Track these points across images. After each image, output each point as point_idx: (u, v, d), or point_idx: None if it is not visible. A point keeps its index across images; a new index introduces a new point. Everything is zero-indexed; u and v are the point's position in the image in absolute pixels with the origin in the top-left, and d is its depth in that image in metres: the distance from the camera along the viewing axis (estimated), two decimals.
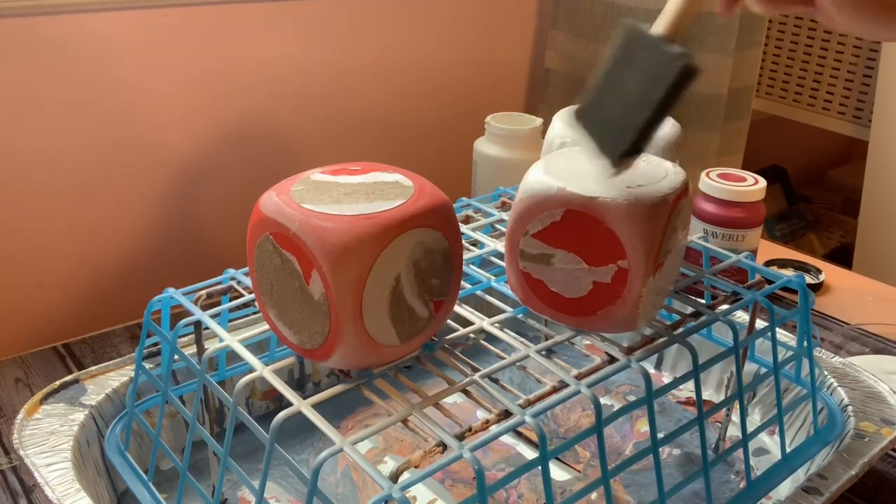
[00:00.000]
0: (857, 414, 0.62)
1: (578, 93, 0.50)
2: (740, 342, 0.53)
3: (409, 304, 0.46)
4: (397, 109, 1.07)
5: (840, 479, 0.55)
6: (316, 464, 0.40)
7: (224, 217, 0.95)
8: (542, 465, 0.43)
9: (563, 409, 0.73)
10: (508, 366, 0.49)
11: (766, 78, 1.61)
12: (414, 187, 0.46)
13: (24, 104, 0.79)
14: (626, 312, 0.49)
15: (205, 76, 0.89)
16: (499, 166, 0.93)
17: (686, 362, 0.78)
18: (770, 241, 1.12)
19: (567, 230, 0.49)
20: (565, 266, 0.50)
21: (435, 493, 0.63)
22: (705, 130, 1.16)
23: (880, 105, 1.36)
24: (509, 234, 0.52)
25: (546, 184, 0.49)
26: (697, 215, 0.88)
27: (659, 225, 0.48)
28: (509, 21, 1.14)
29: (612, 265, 0.48)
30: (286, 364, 0.49)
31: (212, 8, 0.87)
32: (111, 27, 0.81)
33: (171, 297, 0.55)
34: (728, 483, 0.66)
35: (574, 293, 0.50)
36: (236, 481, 0.64)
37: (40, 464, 0.54)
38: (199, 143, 0.91)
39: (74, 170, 0.83)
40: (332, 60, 0.98)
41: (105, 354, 0.78)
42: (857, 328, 0.86)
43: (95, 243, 0.87)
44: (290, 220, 0.44)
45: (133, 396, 0.59)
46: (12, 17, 0.76)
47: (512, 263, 0.52)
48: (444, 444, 0.42)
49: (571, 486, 0.64)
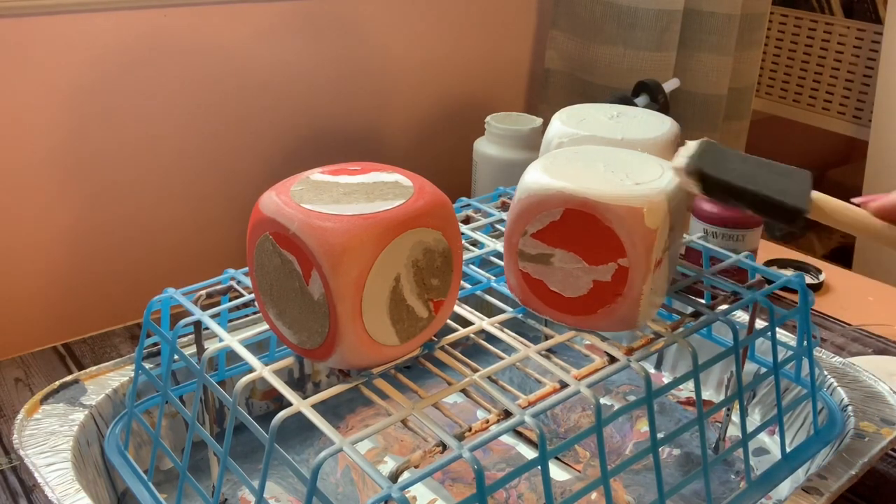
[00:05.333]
0: (857, 414, 0.62)
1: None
2: (740, 342, 0.53)
3: (409, 304, 0.46)
4: (397, 109, 1.07)
5: (840, 479, 0.55)
6: (315, 464, 0.40)
7: (224, 217, 0.95)
8: (542, 465, 0.43)
9: (563, 409, 0.73)
10: (508, 366, 0.49)
11: (766, 78, 1.61)
12: (414, 187, 0.46)
13: (23, 104, 0.79)
14: (627, 310, 0.49)
15: (205, 76, 0.89)
16: (499, 166, 0.93)
17: (686, 362, 0.78)
18: (770, 241, 1.12)
19: (566, 229, 0.49)
20: (565, 265, 0.50)
21: (435, 493, 0.63)
22: (705, 130, 1.16)
23: (880, 105, 1.36)
24: (508, 235, 0.52)
25: (545, 183, 0.49)
26: (697, 215, 0.88)
27: (658, 222, 0.48)
28: (509, 21, 1.14)
29: (613, 263, 0.48)
30: (286, 364, 0.49)
31: (212, 8, 0.87)
32: (111, 27, 0.82)
33: (171, 297, 0.55)
34: (728, 483, 0.66)
35: (574, 292, 0.50)
36: (236, 481, 0.64)
37: (40, 464, 0.54)
38: (199, 143, 0.91)
39: (74, 170, 0.83)
40: (333, 60, 0.98)
41: (105, 354, 0.78)
42: (859, 329, 0.86)
43: (95, 243, 0.87)
44: (290, 220, 0.44)
45: (133, 396, 0.59)
46: (12, 17, 0.76)
47: (511, 264, 0.52)
48: (443, 444, 0.42)
49: (571, 486, 0.64)
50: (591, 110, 0.64)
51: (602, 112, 0.63)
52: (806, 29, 1.55)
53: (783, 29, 1.58)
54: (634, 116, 0.63)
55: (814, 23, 1.53)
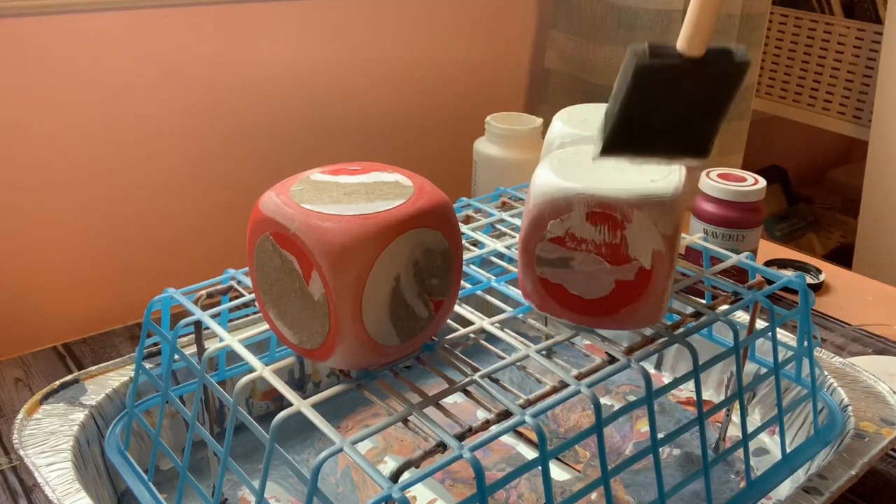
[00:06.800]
0: (857, 414, 0.62)
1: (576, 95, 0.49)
2: (740, 342, 0.53)
3: (409, 304, 0.45)
4: (397, 109, 1.07)
5: (840, 479, 0.55)
6: (316, 464, 0.40)
7: (224, 217, 0.95)
8: (542, 465, 0.43)
9: (563, 409, 0.73)
10: (508, 366, 0.49)
11: (766, 78, 1.61)
12: (414, 187, 0.46)
13: (24, 104, 0.79)
14: (650, 308, 0.49)
15: (205, 76, 0.89)
16: (499, 166, 0.93)
17: (686, 362, 0.78)
18: (770, 241, 1.12)
19: (586, 231, 0.48)
20: (586, 268, 0.49)
21: (435, 493, 0.63)
22: None
23: (880, 105, 1.36)
24: (524, 241, 0.51)
25: (561, 187, 0.48)
26: (697, 215, 0.88)
27: (678, 217, 0.48)
28: (509, 21, 1.14)
29: (636, 262, 0.48)
30: (286, 364, 0.49)
31: (212, 8, 0.87)
32: (111, 27, 0.82)
33: (171, 297, 0.55)
34: (728, 483, 0.66)
35: (596, 294, 0.50)
36: (236, 481, 0.64)
37: (40, 464, 0.54)
38: (199, 143, 0.91)
39: (74, 170, 0.83)
40: (333, 60, 0.98)
41: (105, 354, 0.78)
42: (859, 329, 0.86)
43: (95, 243, 0.87)
44: (290, 220, 0.44)
45: (133, 396, 0.59)
46: (12, 17, 0.76)
47: (528, 270, 0.51)
48: (444, 444, 0.42)
49: (571, 486, 0.64)
50: (592, 110, 0.64)
51: (603, 112, 0.63)
52: (806, 29, 1.54)
53: (783, 29, 1.58)
54: None
55: (814, 23, 1.53)
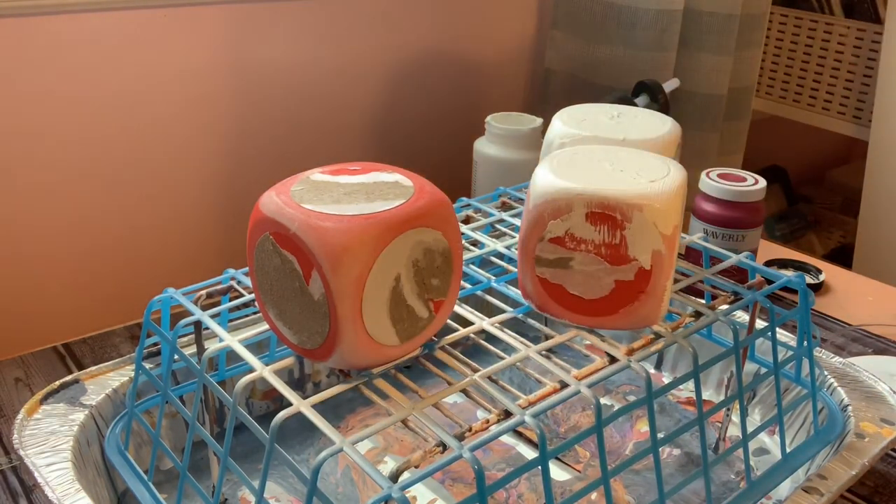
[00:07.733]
0: (857, 414, 0.62)
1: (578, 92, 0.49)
2: (740, 342, 0.53)
3: (409, 304, 0.45)
4: (397, 109, 1.07)
5: (840, 479, 0.55)
6: (316, 464, 0.40)
7: (224, 217, 0.95)
8: (542, 465, 0.43)
9: (563, 409, 0.73)
10: (508, 366, 0.49)
11: (766, 78, 1.61)
12: (414, 187, 0.46)
13: (24, 104, 0.79)
14: (650, 308, 0.49)
15: (205, 76, 0.89)
16: (499, 166, 0.93)
17: (686, 362, 0.78)
18: (770, 241, 1.12)
19: (586, 231, 0.48)
20: (586, 268, 0.49)
21: (435, 493, 0.63)
22: (705, 130, 1.16)
23: (880, 105, 1.36)
24: (523, 242, 0.51)
25: (561, 187, 0.48)
26: (697, 215, 0.88)
27: (677, 217, 0.48)
28: (509, 21, 1.14)
29: (635, 262, 0.48)
30: (286, 364, 0.49)
31: (212, 8, 0.87)
32: (111, 27, 0.82)
33: (171, 297, 0.55)
34: (728, 483, 0.66)
35: (595, 294, 0.50)
36: (236, 481, 0.64)
37: (40, 464, 0.54)
38: (199, 143, 0.91)
39: (74, 170, 0.83)
40: (333, 60, 0.98)
41: (105, 354, 0.78)
42: (859, 329, 0.86)
43: (95, 243, 0.87)
44: (290, 220, 0.43)
45: (133, 396, 0.59)
46: (12, 17, 0.76)
47: (527, 271, 0.51)
48: (443, 444, 0.42)
49: (571, 486, 0.64)
50: (591, 110, 0.64)
51: (603, 112, 0.63)
52: (806, 29, 1.55)
53: (783, 29, 1.58)
54: (635, 116, 0.63)
55: (814, 23, 1.53)
